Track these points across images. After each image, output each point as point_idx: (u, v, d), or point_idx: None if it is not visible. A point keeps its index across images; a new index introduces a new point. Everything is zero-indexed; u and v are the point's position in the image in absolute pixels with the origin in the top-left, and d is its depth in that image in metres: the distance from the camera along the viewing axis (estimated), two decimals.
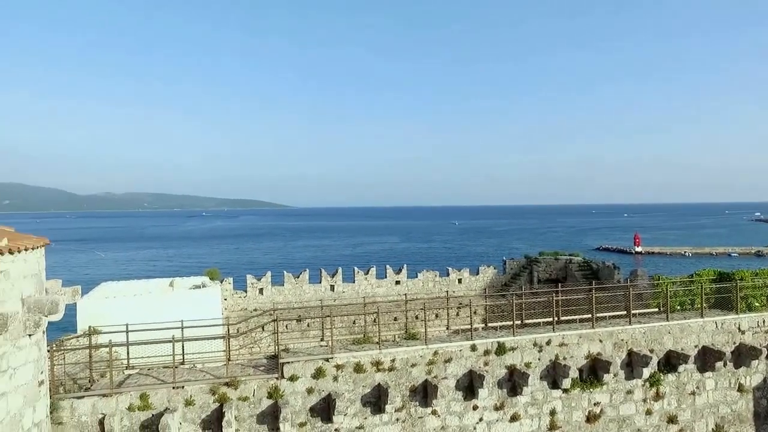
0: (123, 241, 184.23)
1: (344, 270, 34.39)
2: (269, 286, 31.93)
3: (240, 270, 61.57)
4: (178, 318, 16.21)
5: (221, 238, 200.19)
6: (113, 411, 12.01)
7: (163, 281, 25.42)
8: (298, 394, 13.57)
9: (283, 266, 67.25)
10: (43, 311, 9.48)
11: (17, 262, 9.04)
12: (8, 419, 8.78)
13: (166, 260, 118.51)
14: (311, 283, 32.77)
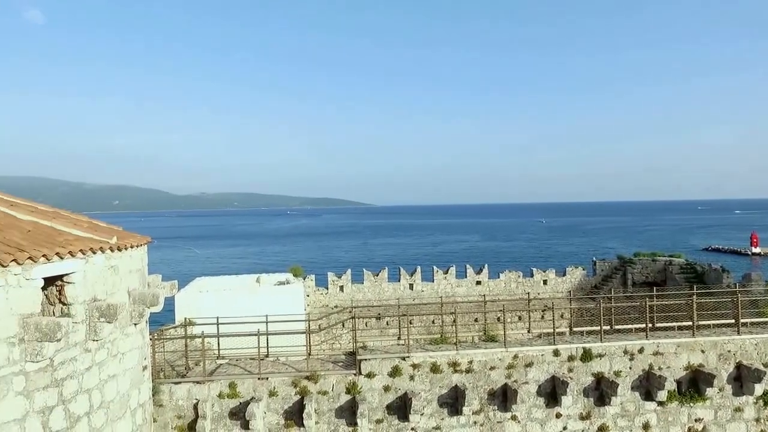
0: (216, 239, 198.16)
1: (423, 269, 34.61)
2: (349, 284, 32.95)
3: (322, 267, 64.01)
4: (264, 312, 17.34)
5: (305, 236, 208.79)
6: (206, 397, 13.17)
7: (251, 277, 27.17)
8: (375, 391, 14.00)
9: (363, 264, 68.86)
10: (146, 303, 10.64)
11: (124, 258, 10.22)
12: (118, 398, 9.98)
13: (254, 257, 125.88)
14: (390, 281, 33.35)
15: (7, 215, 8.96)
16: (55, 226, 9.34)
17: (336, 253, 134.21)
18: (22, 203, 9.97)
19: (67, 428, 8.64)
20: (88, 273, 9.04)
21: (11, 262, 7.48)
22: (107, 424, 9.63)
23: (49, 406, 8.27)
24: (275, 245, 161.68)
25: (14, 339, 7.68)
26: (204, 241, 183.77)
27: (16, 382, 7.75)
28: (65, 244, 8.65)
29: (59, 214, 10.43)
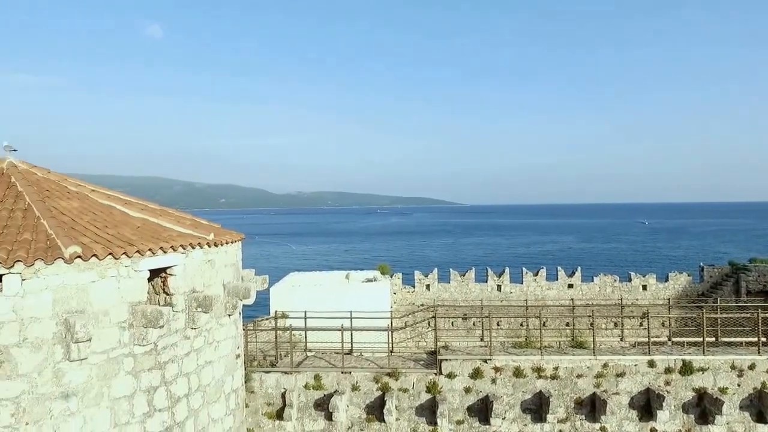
0: (310, 236, 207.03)
1: (512, 270, 33.51)
2: (436, 283, 32.77)
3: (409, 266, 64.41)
4: (351, 308, 17.75)
5: (394, 234, 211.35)
6: (293, 387, 13.76)
7: (340, 274, 27.96)
8: (456, 392, 13.78)
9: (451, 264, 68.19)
10: (239, 296, 11.31)
11: (220, 254, 10.95)
12: (214, 383, 10.73)
13: (345, 254, 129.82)
14: (477, 281, 32.68)
15: (121, 213, 9.98)
16: (161, 222, 10.23)
17: (425, 251, 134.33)
18: (135, 201, 11.04)
19: (169, 407, 9.42)
20: (187, 266, 9.80)
21: (122, 255, 8.30)
22: (204, 406, 10.38)
23: (153, 386, 9.08)
24: (366, 243, 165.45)
25: (124, 324, 8.52)
26: (300, 238, 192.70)
27: (126, 362, 8.60)
28: (168, 240, 9.43)
29: (166, 211, 11.41)
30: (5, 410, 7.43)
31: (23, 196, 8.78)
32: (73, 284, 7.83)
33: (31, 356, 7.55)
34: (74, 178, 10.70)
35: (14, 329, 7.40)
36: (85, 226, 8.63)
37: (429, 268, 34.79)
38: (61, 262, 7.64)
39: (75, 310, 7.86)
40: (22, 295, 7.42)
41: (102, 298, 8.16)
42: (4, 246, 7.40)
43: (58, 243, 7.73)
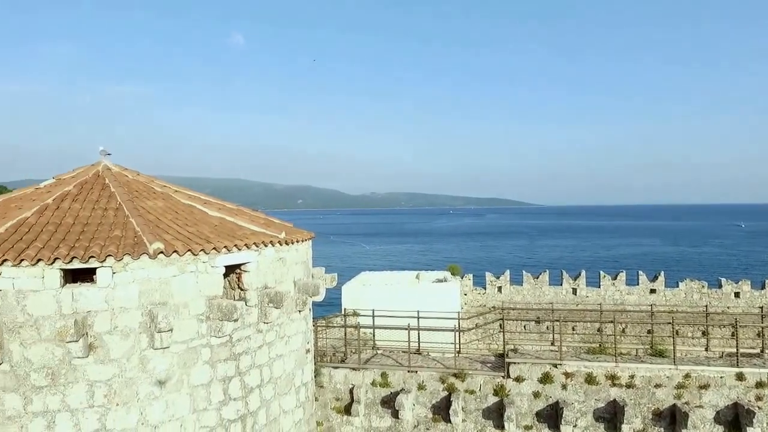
0: (383, 236, 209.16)
1: (589, 273, 31.73)
2: (507, 285, 31.78)
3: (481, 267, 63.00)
4: (421, 308, 17.62)
5: (466, 235, 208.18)
6: (360, 383, 13.84)
7: (411, 274, 27.90)
8: (524, 396, 13.20)
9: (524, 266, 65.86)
10: (309, 292, 11.54)
11: (291, 251, 11.23)
12: (284, 376, 11.01)
13: (416, 254, 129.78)
14: (552, 284, 31.29)
15: (201, 212, 10.51)
16: (236, 221, 10.66)
17: (497, 253, 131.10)
18: (213, 201, 11.60)
19: (243, 397, 9.78)
20: (260, 263, 10.13)
21: (200, 251, 8.72)
22: (275, 397, 10.68)
23: (228, 376, 9.46)
24: (437, 244, 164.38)
25: (202, 316, 8.95)
26: (372, 238, 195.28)
27: (204, 352, 9.02)
28: (243, 238, 9.80)
29: (241, 211, 11.89)
30: (99, 391, 8.05)
31: (115, 196, 9.50)
32: (156, 278, 8.34)
33: (121, 343, 8.12)
34: (160, 180, 11.44)
35: (106, 318, 8.00)
36: (168, 224, 9.17)
37: (501, 269, 33.82)
38: (146, 257, 8.16)
39: (158, 302, 8.36)
40: (113, 287, 8.00)
41: (182, 291, 8.62)
42: (97, 242, 8.03)
43: (144, 240, 8.26)
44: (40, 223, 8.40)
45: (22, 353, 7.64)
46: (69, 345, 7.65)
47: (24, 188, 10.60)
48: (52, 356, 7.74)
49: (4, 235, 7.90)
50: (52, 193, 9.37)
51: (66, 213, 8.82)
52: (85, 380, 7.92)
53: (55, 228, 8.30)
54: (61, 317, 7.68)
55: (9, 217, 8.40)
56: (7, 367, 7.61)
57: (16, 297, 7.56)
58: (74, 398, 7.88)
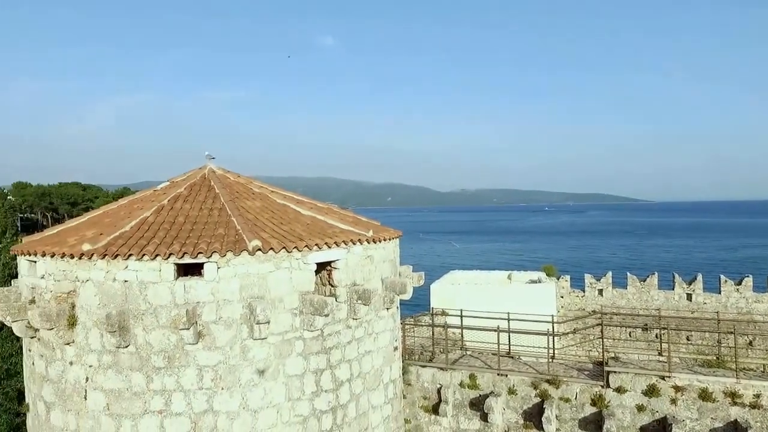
0: (474, 234, 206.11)
1: (707, 277, 29.06)
2: (610, 288, 30.05)
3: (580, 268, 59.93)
4: (513, 310, 17.34)
5: (564, 233, 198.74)
6: (448, 384, 13.98)
7: (502, 273, 27.43)
8: (626, 408, 12.55)
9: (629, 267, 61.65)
10: (396, 290, 11.94)
11: (378, 250, 11.68)
12: (373, 372, 11.51)
13: (509, 253, 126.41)
14: (662, 288, 29.08)
15: (294, 211, 11.30)
16: (327, 220, 11.32)
17: (599, 253, 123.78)
18: (306, 201, 12.40)
19: (334, 389, 10.41)
20: (349, 261, 10.69)
21: (294, 249, 9.43)
22: (364, 392, 11.21)
23: (320, 369, 10.12)
24: (531, 242, 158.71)
25: (296, 310, 9.66)
26: (463, 236, 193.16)
27: (297, 345, 9.74)
28: (332, 236, 10.42)
29: (331, 209, 12.57)
30: (207, 375, 9.03)
31: (219, 197, 10.54)
32: (255, 273, 9.16)
33: (225, 332, 9.05)
34: (258, 181, 12.45)
35: (212, 309, 8.95)
36: (265, 222, 10.01)
37: (602, 271, 32.03)
38: (246, 253, 9.00)
39: (256, 295, 9.18)
40: (218, 281, 8.93)
41: (277, 286, 9.39)
42: (204, 239, 9.01)
43: (244, 237, 9.12)
44: (157, 221, 9.59)
45: (145, 337, 8.81)
46: (182, 332, 8.68)
47: (144, 190, 12.11)
48: (168, 341, 8.84)
49: (129, 233, 9.14)
50: (167, 195, 10.63)
51: (178, 212, 9.97)
52: (195, 364, 8.94)
53: (170, 226, 9.44)
54: (175, 306, 8.73)
55: (133, 216, 9.69)
56: (133, 349, 8.83)
57: (139, 287, 8.73)
58: (186, 380, 8.93)
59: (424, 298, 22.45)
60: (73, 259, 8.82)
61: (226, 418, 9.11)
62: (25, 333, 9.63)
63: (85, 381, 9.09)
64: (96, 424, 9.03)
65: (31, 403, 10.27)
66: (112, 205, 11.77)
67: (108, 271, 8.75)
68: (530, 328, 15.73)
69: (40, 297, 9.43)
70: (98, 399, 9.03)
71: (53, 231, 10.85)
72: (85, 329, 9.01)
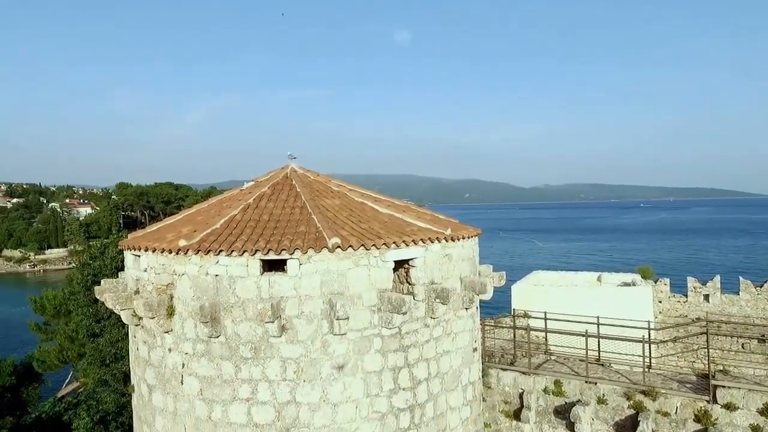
0: (558, 232, 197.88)
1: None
2: (718, 293, 27.70)
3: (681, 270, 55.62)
4: (603, 314, 16.59)
5: (662, 232, 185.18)
6: (530, 389, 13.66)
7: (591, 275, 26.23)
8: (738, 428, 11.60)
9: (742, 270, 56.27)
10: (475, 290, 11.87)
11: (457, 248, 11.68)
12: (451, 372, 11.54)
13: (598, 253, 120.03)
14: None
15: (372, 209, 11.59)
16: (404, 218, 11.50)
17: (704, 254, 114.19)
18: (383, 199, 12.66)
19: (411, 388, 10.58)
20: (427, 259, 10.79)
21: (372, 246, 9.70)
22: (442, 392, 11.28)
23: (398, 366, 10.33)
24: (625, 242, 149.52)
25: (374, 308, 9.94)
26: (546, 234, 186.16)
27: (376, 342, 10.02)
28: (410, 234, 10.57)
29: (409, 207, 12.74)
30: (290, 367, 9.56)
31: (300, 195, 11.08)
32: (334, 270, 9.54)
33: (306, 327, 9.52)
34: (337, 179, 12.90)
35: (295, 304, 9.45)
36: (344, 220, 10.38)
37: (709, 274, 29.60)
38: (326, 251, 9.40)
39: (336, 291, 9.56)
40: (300, 277, 9.41)
41: (356, 283, 9.71)
42: (287, 236, 9.53)
43: (324, 235, 9.53)
44: (244, 219, 10.28)
45: (233, 329, 9.49)
46: (267, 325, 9.26)
47: (231, 189, 12.99)
48: (254, 333, 9.46)
49: (219, 230, 9.88)
50: (252, 194, 11.35)
51: (263, 211, 10.61)
52: (279, 357, 9.49)
53: (255, 224, 10.08)
54: (260, 300, 9.32)
55: (222, 214, 10.45)
56: (223, 339, 9.55)
57: (228, 281, 9.42)
58: (271, 371, 9.51)
59: (505, 299, 22.03)
60: (171, 254, 9.69)
61: (307, 410, 9.59)
62: (131, 320, 10.71)
63: (182, 367, 9.96)
64: (191, 407, 9.87)
65: (136, 384, 11.41)
66: (203, 204, 12.75)
67: (201, 265, 9.52)
68: (623, 334, 14.97)
69: (143, 288, 10.45)
70: (193, 384, 9.86)
71: (153, 228, 11.96)
72: (181, 319, 9.88)
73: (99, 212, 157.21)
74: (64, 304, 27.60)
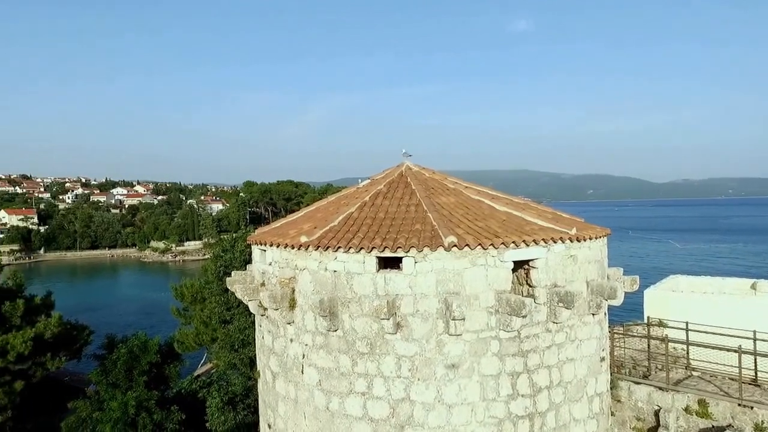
0: (700, 232, 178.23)
1: None
2: None
3: None
4: (760, 328, 14.63)
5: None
6: (669, 407, 12.42)
7: (743, 282, 23.23)
8: None
9: None
10: (603, 295, 11.05)
11: (583, 249, 10.97)
12: (575, 382, 10.87)
13: (750, 257, 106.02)
14: None
15: (489, 207, 11.29)
16: (524, 216, 11.04)
17: None
18: (500, 196, 12.28)
19: (531, 395, 10.15)
20: (549, 260, 10.27)
21: (489, 246, 9.44)
22: (565, 402, 10.67)
23: (516, 372, 9.97)
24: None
25: (491, 309, 9.67)
26: (685, 235, 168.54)
27: (493, 344, 9.75)
28: (530, 233, 10.13)
29: (528, 205, 12.22)
30: (405, 365, 9.65)
31: (415, 193, 11.12)
32: (450, 269, 9.44)
33: (421, 325, 9.54)
34: (452, 177, 12.76)
35: (410, 302, 9.51)
36: (459, 219, 10.23)
37: None
38: (442, 249, 9.33)
39: (452, 291, 9.46)
40: (415, 275, 9.45)
41: (472, 283, 9.52)
42: (402, 234, 9.61)
43: (440, 233, 9.47)
44: (360, 217, 10.57)
45: (350, 324, 9.81)
46: (382, 321, 9.43)
47: (348, 187, 13.45)
48: (370, 329, 9.69)
49: (338, 227, 10.27)
50: (369, 192, 11.64)
51: (379, 209, 10.83)
52: (394, 353, 9.63)
53: (371, 221, 10.31)
54: (376, 297, 9.53)
55: (340, 212, 10.86)
56: (340, 333, 9.92)
57: (346, 278, 9.75)
58: (386, 367, 9.68)
59: (635, 305, 20.33)
60: (293, 250, 10.27)
61: (422, 409, 9.61)
62: (257, 311, 11.56)
63: (302, 357, 10.53)
64: (310, 396, 10.40)
65: (261, 370, 12.30)
66: (322, 202, 13.36)
67: (320, 261, 9.97)
68: None
69: (268, 281, 11.21)
70: (312, 374, 10.37)
71: (277, 224, 12.78)
72: (302, 311, 10.43)
73: (229, 208, 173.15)
74: (200, 292, 30.70)
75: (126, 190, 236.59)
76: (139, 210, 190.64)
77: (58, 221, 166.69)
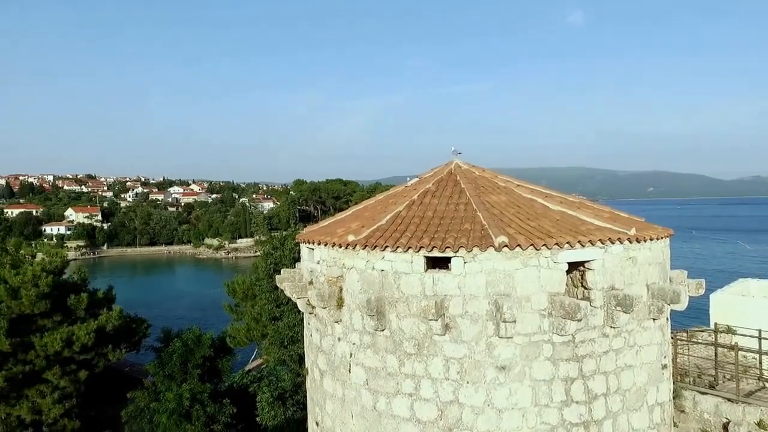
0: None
1: None
2: None
3: None
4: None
5: None
6: (739, 420, 11.71)
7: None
8: None
9: None
10: (666, 299, 10.50)
11: (643, 250, 10.45)
12: (634, 389, 10.39)
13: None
14: None
15: (542, 205, 10.95)
16: (579, 215, 10.64)
17: None
18: (554, 194, 11.89)
19: (586, 402, 9.77)
20: (606, 262, 9.84)
21: (542, 246, 9.15)
22: (623, 411, 10.21)
23: (570, 377, 9.62)
24: None
25: (544, 312, 9.37)
26: (755, 235, 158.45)
27: (545, 348, 9.45)
28: (586, 233, 9.74)
29: (584, 204, 11.77)
30: (453, 367, 9.51)
31: (465, 192, 10.93)
32: (501, 270, 9.21)
33: (471, 327, 9.36)
34: (503, 175, 12.47)
35: (459, 303, 9.36)
36: (510, 218, 9.97)
37: None
38: (492, 249, 9.11)
39: (502, 293, 9.22)
40: (464, 275, 9.28)
41: (524, 284, 9.25)
42: (451, 233, 9.46)
43: (490, 233, 9.25)
44: (408, 216, 10.49)
45: (398, 324, 9.76)
46: (430, 322, 9.32)
47: (396, 185, 13.40)
48: (417, 329, 9.61)
49: (385, 226, 10.24)
50: (417, 190, 11.54)
51: (427, 207, 10.71)
52: (442, 355, 9.50)
53: (420, 220, 10.21)
54: (424, 297, 9.43)
55: (387, 211, 10.82)
56: (387, 333, 9.89)
57: (393, 277, 9.70)
58: (434, 369, 9.56)
59: (700, 310, 19.29)
60: (341, 248, 10.32)
61: (470, 412, 9.44)
62: (306, 309, 11.70)
63: (350, 356, 10.57)
64: (358, 395, 10.43)
65: (309, 367, 12.46)
66: (370, 200, 13.37)
67: (368, 260, 9.97)
68: None
69: (316, 279, 11.32)
70: (359, 374, 10.40)
71: (326, 223, 12.90)
72: (349, 310, 10.48)
73: (279, 207, 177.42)
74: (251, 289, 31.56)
75: (182, 189, 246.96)
76: (194, 208, 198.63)
77: (120, 219, 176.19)
